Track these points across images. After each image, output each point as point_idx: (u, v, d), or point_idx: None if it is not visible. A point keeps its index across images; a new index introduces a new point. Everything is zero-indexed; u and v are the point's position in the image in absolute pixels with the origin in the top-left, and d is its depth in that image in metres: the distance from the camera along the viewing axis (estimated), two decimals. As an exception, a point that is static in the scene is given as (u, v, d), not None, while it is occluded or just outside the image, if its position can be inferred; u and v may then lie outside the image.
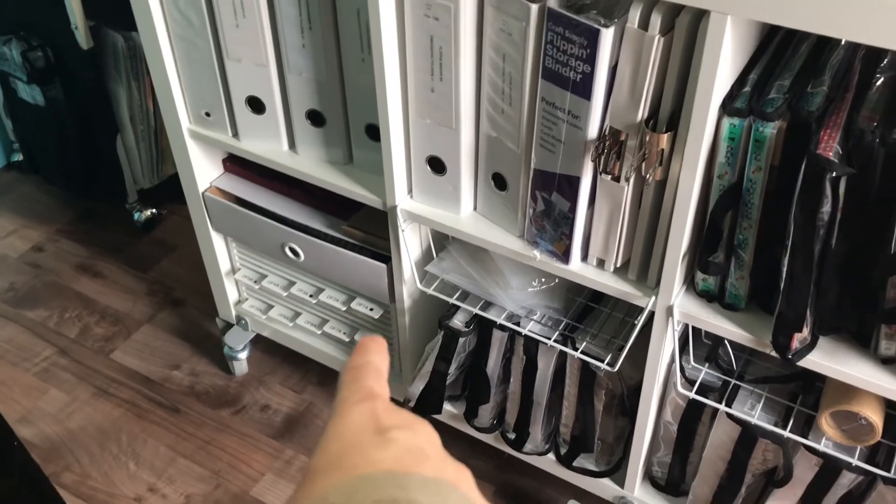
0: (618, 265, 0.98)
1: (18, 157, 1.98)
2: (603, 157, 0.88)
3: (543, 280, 1.10)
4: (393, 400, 0.38)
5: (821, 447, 0.95)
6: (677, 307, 0.94)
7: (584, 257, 1.00)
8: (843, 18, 0.67)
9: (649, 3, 0.77)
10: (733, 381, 1.02)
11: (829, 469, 0.98)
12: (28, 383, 1.56)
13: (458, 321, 1.16)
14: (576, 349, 1.06)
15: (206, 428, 1.48)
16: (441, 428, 1.36)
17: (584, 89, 0.83)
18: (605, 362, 1.04)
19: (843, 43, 0.86)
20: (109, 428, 1.48)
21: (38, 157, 1.87)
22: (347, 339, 1.36)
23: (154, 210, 1.87)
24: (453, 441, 1.41)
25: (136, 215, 1.85)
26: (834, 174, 0.75)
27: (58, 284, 1.78)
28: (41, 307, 1.72)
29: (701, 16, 0.75)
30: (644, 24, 0.78)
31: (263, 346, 1.57)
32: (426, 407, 1.26)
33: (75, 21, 1.51)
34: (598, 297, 1.13)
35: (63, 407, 1.52)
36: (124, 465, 1.42)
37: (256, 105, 1.13)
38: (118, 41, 1.58)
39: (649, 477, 1.20)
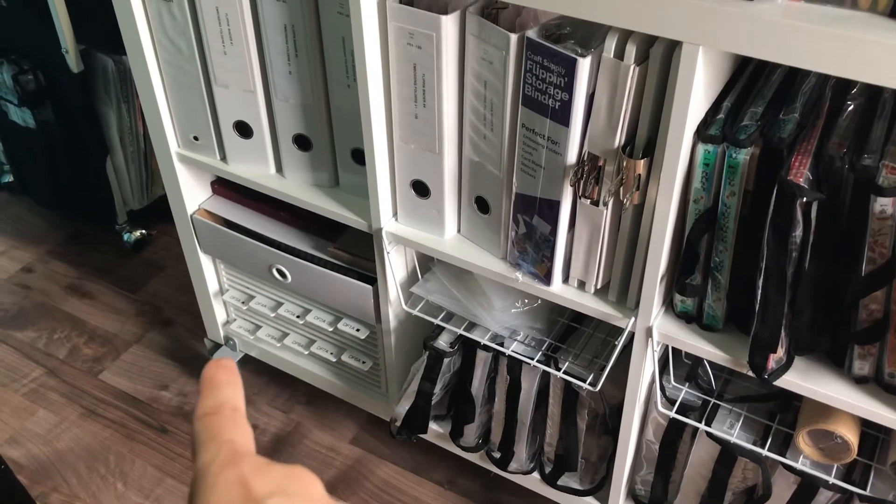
0: (598, 287, 1.00)
1: (9, 178, 1.99)
2: (582, 182, 0.90)
3: (526, 301, 1.12)
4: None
5: (798, 465, 0.97)
6: (656, 328, 0.96)
7: (566, 279, 1.01)
8: (812, 51, 0.69)
9: (624, 33, 0.79)
10: (713, 401, 1.04)
11: (807, 487, 0.99)
12: (17, 404, 1.57)
13: (442, 342, 1.17)
14: (558, 369, 1.08)
15: (194, 448, 1.49)
16: (427, 447, 1.38)
17: (562, 116, 0.85)
18: (588, 382, 1.05)
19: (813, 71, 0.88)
20: (97, 448, 1.49)
21: (29, 178, 1.88)
22: (334, 360, 1.37)
23: (143, 231, 1.89)
24: (440, 460, 1.42)
25: (126, 236, 1.87)
26: (804, 199, 0.77)
27: (47, 305, 1.78)
28: (30, 328, 1.73)
29: (674, 46, 0.77)
30: (620, 54, 0.80)
31: (251, 366, 1.58)
32: (412, 427, 1.27)
33: (66, 45, 1.53)
34: (580, 317, 1.15)
35: (51, 428, 1.52)
36: (112, 485, 1.43)
37: (244, 129, 1.15)
38: (108, 64, 1.60)
39: (632, 495, 1.21)
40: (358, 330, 1.30)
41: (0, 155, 1.96)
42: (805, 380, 0.90)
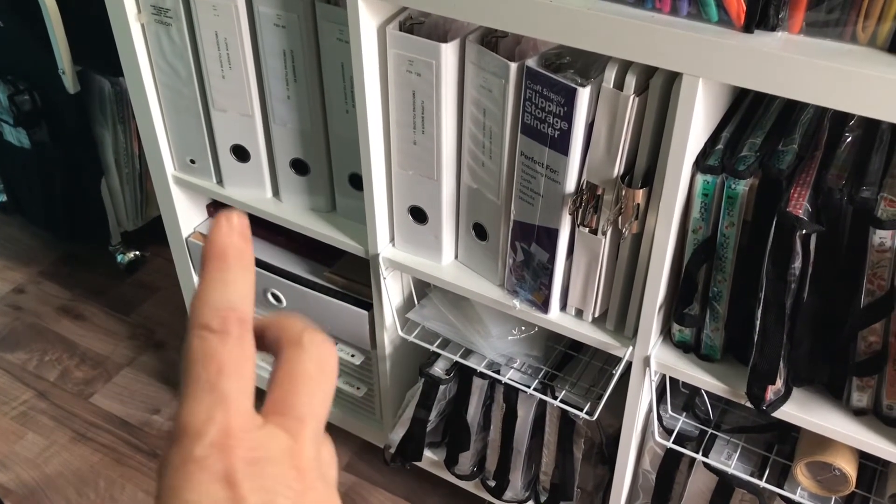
0: (596, 315, 1.00)
1: (3, 198, 1.98)
2: (580, 211, 0.90)
3: (523, 328, 1.11)
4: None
5: (796, 497, 0.96)
6: (654, 357, 0.96)
7: (563, 307, 1.01)
8: (811, 84, 0.69)
9: (624, 64, 0.80)
10: (710, 431, 1.04)
11: (805, 519, 0.99)
12: (6, 427, 1.55)
13: (438, 369, 1.17)
14: (555, 398, 1.07)
15: (185, 473, 1.47)
16: (421, 475, 1.37)
17: (561, 145, 0.85)
18: (584, 411, 1.04)
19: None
20: (87, 473, 1.47)
21: (23, 198, 1.87)
22: (329, 385, 1.36)
23: (137, 252, 1.88)
24: (434, 488, 1.41)
25: (120, 257, 1.86)
26: (804, 231, 0.77)
27: (39, 326, 1.77)
28: (21, 350, 1.71)
29: (674, 78, 0.77)
30: (619, 85, 0.80)
31: (244, 390, 1.57)
32: (406, 454, 1.26)
33: (63, 65, 1.53)
34: (577, 345, 1.14)
35: (41, 451, 1.51)
36: (101, 511, 1.41)
37: (241, 153, 1.14)
38: (105, 86, 1.60)
39: (629, 525, 1.20)
40: (353, 355, 1.29)
41: (-6, 175, 1.95)
42: (803, 411, 0.90)
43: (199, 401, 0.26)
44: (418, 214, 1.05)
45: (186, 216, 1.30)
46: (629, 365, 0.98)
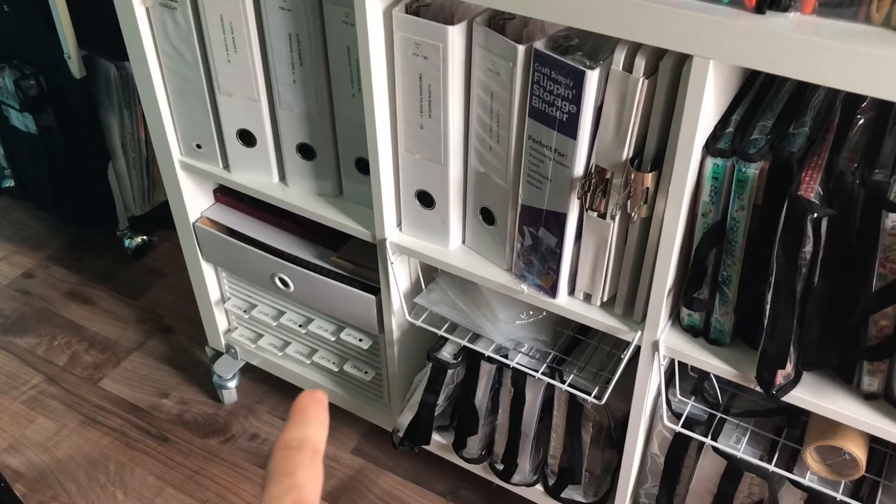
0: (604, 300, 0.99)
1: (10, 183, 1.99)
2: (589, 195, 0.89)
3: (531, 313, 1.11)
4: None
5: (805, 481, 0.96)
6: (663, 342, 0.95)
7: (571, 291, 1.01)
8: (824, 66, 0.68)
9: (633, 46, 0.79)
10: (719, 415, 1.03)
11: (815, 503, 0.98)
12: (16, 411, 1.56)
13: (446, 353, 1.17)
14: (563, 382, 1.07)
15: (194, 457, 1.48)
16: (430, 458, 1.37)
17: (570, 129, 0.85)
18: (593, 395, 1.04)
19: (823, 84, 0.87)
20: (97, 457, 1.48)
21: (30, 183, 1.87)
22: (336, 369, 1.36)
23: (145, 237, 1.88)
24: (442, 471, 1.41)
25: (127, 242, 1.86)
26: (815, 215, 0.76)
27: (47, 311, 1.78)
28: (30, 334, 1.72)
29: (684, 59, 0.76)
30: (629, 67, 0.79)
31: (253, 374, 1.57)
32: (415, 437, 1.26)
33: (68, 50, 1.53)
34: (585, 329, 1.14)
35: (51, 435, 1.51)
36: (112, 494, 1.42)
37: (247, 138, 1.14)
38: (111, 70, 1.59)
39: (637, 508, 1.20)
40: (360, 340, 1.29)
41: (1, 160, 1.95)
42: (813, 395, 0.89)
43: (277, 483, 0.33)
44: (425, 199, 1.04)
45: (193, 201, 1.30)
46: (638, 349, 0.98)
